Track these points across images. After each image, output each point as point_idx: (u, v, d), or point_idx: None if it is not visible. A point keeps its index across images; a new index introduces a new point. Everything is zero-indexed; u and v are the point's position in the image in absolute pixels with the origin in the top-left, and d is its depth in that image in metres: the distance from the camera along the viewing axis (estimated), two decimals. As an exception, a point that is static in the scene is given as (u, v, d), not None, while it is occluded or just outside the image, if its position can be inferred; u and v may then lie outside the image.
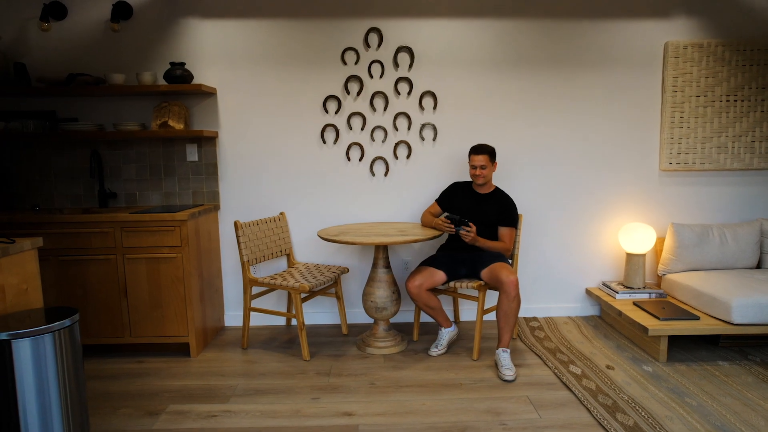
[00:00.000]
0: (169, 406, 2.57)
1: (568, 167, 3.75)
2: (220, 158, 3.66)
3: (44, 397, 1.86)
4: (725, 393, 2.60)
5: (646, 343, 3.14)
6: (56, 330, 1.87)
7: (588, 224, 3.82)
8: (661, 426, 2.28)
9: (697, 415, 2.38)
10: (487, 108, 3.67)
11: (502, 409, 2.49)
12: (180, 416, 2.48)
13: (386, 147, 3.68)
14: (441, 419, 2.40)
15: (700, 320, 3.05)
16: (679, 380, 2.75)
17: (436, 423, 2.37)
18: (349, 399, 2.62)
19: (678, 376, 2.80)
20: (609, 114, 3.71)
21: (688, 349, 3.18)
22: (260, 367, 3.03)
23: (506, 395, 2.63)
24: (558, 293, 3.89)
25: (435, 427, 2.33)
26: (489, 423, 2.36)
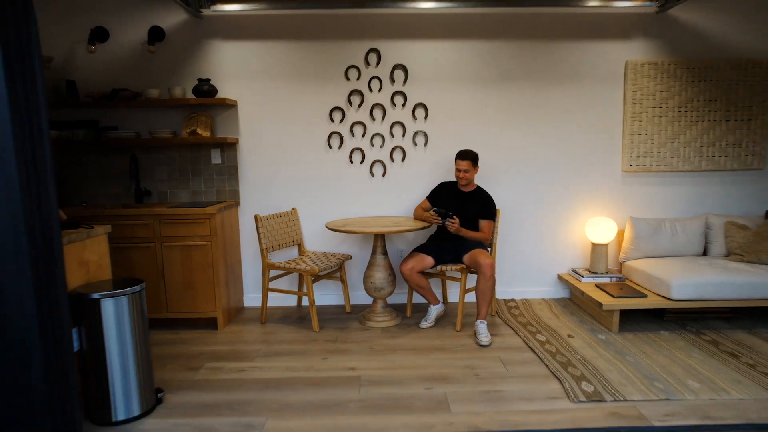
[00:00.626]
0: (205, 364, 3.17)
1: (542, 169, 4.35)
2: (240, 161, 4.25)
3: (123, 343, 2.45)
4: (659, 353, 3.19)
5: (603, 317, 3.73)
6: (130, 293, 2.46)
7: (559, 218, 4.41)
8: (602, 375, 2.88)
9: (632, 368, 2.97)
10: (471, 118, 4.27)
11: (477, 366, 3.08)
12: (215, 370, 3.07)
13: (384, 151, 4.28)
14: (427, 372, 3.00)
15: (647, 298, 3.64)
16: (625, 345, 3.34)
17: (422, 374, 2.96)
18: (353, 359, 3.21)
19: (625, 342, 3.39)
20: (578, 122, 4.31)
21: (638, 322, 3.77)
22: (277, 337, 3.63)
23: (481, 356, 3.23)
24: (533, 278, 4.48)
25: (422, 377, 2.93)
26: (465, 374, 2.95)
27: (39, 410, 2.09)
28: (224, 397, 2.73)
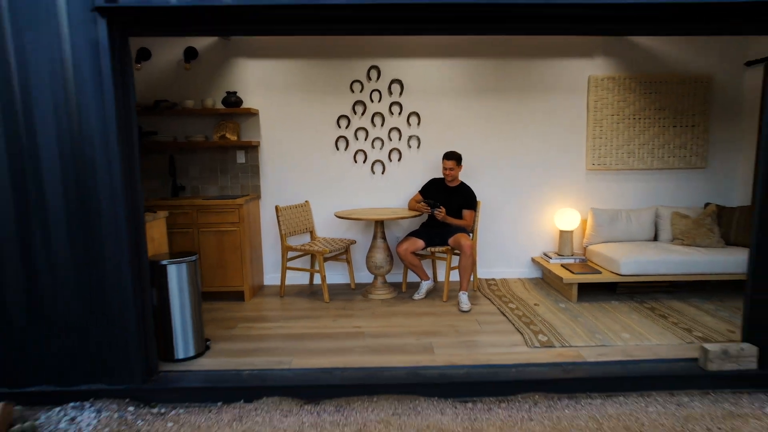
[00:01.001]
0: (238, 325, 3.92)
1: (518, 167, 5.10)
2: (261, 161, 5.01)
3: (182, 299, 3.20)
4: (605, 317, 3.94)
5: (565, 290, 4.48)
6: (188, 261, 3.21)
7: (532, 209, 5.17)
8: (556, 331, 3.63)
9: (581, 327, 3.72)
10: (457, 124, 5.02)
11: (457, 325, 3.83)
12: (247, 329, 3.82)
13: (383, 153, 5.03)
14: (417, 329, 3.75)
15: (601, 274, 4.40)
16: (580, 311, 4.10)
17: (414, 331, 3.72)
18: (358, 321, 3.96)
19: (581, 309, 4.14)
20: (548, 128, 5.06)
21: (595, 295, 4.52)
22: (295, 306, 4.38)
23: (462, 318, 3.98)
24: (510, 261, 5.23)
25: (413, 332, 3.68)
26: (448, 330, 3.71)
27: (132, 346, 2.85)
28: (257, 346, 3.48)
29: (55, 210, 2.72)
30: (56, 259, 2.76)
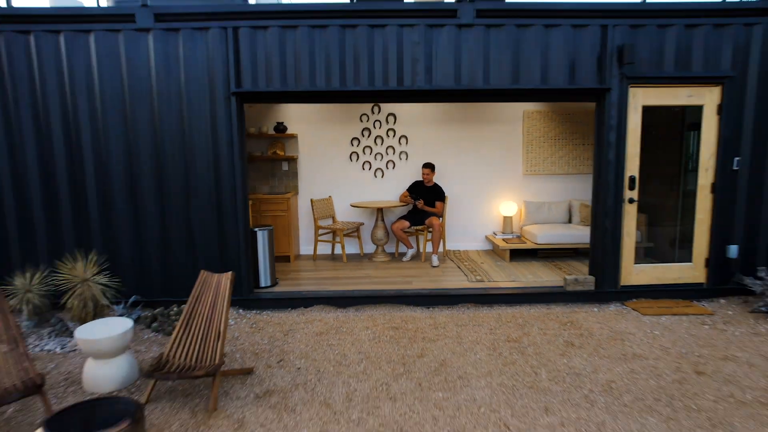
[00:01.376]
0: (289, 274, 6.17)
1: (475, 172, 7.34)
2: (299, 168, 7.25)
3: (264, 251, 5.45)
4: (523, 268, 6.20)
5: (502, 254, 6.74)
6: (267, 230, 5.46)
7: (486, 201, 7.41)
8: (488, 274, 5.88)
9: (504, 273, 5.98)
10: (433, 143, 7.26)
11: (429, 273, 6.09)
12: (296, 276, 6.08)
13: (382, 163, 7.27)
14: (403, 273, 6.01)
15: (526, 244, 6.66)
16: (509, 266, 6.35)
17: (401, 274, 5.98)
18: (366, 271, 6.22)
19: (509, 265, 6.39)
20: (497, 146, 7.30)
21: (523, 258, 6.78)
22: (324, 265, 6.63)
23: (432, 270, 6.24)
24: (471, 238, 7.49)
25: (400, 276, 5.94)
26: (422, 275, 5.97)
27: (243, 275, 5.10)
28: (305, 283, 5.73)
29: (204, 198, 4.98)
30: (205, 226, 5.02)
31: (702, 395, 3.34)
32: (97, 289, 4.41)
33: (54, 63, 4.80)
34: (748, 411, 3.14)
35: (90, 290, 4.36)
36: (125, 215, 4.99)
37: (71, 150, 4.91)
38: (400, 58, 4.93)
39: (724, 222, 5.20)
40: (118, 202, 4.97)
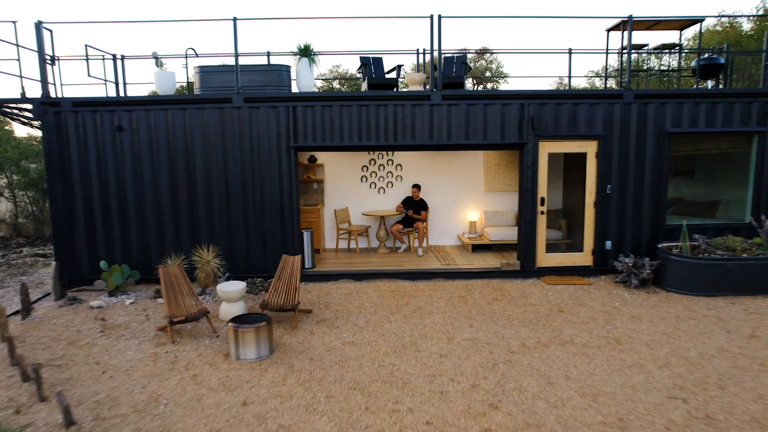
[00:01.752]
0: (321, 260, 9.08)
1: (450, 190, 10.25)
2: (325, 188, 10.16)
3: (308, 246, 8.37)
4: (479, 257, 9.11)
5: (467, 247, 9.65)
6: (309, 231, 8.38)
7: (457, 210, 10.33)
8: (454, 260, 8.79)
9: (465, 259, 8.89)
10: (420, 170, 10.17)
11: (415, 260, 9.01)
12: (326, 263, 8.99)
13: (383, 183, 10.19)
14: (397, 261, 8.92)
15: (483, 240, 9.57)
16: (470, 255, 9.27)
17: (396, 262, 8.90)
18: (372, 259, 9.14)
19: (471, 254, 9.30)
20: (466, 171, 10.21)
21: (482, 251, 9.69)
22: (345, 254, 9.55)
23: (417, 258, 9.15)
24: (447, 237, 10.41)
25: (395, 262, 8.85)
26: (410, 261, 8.89)
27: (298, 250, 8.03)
28: (332, 265, 8.64)
29: (272, 210, 7.90)
30: (273, 229, 7.93)
31: (555, 320, 6.26)
32: (214, 267, 7.32)
33: (181, 127, 7.71)
34: (575, 326, 6.06)
35: (210, 267, 7.27)
36: (224, 224, 7.89)
37: (190, 181, 7.81)
38: (395, 125, 7.84)
39: (602, 226, 8.11)
40: (220, 215, 7.87)
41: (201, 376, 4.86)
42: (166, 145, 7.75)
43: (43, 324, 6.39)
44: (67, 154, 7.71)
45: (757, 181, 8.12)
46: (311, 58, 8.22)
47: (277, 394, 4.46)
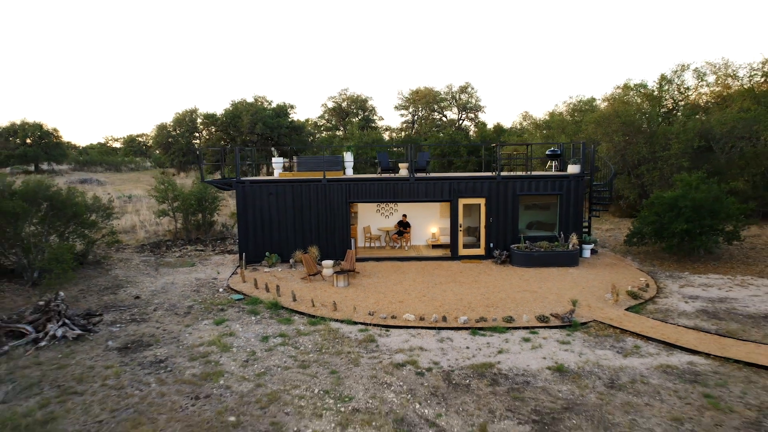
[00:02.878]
0: (358, 253, 18.31)
1: (423, 218, 19.49)
2: (358, 217, 19.41)
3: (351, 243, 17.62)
4: (440, 250, 18.38)
5: (429, 246, 18.90)
6: (354, 239, 17.62)
7: (426, 227, 19.58)
8: (422, 252, 18.06)
9: (430, 252, 18.15)
10: (405, 209, 19.43)
11: (404, 252, 18.27)
12: (361, 254, 18.22)
13: (387, 213, 19.44)
14: (395, 253, 18.16)
15: (438, 241, 18.82)
16: (432, 252, 18.50)
17: (395, 253, 18.14)
18: (383, 251, 18.38)
19: (432, 251, 18.54)
20: (430, 209, 19.45)
21: (437, 249, 18.92)
22: (368, 249, 18.77)
23: (405, 252, 18.40)
24: (421, 240, 19.66)
25: (395, 253, 18.10)
26: (402, 252, 18.15)
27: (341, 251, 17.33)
28: (365, 254, 17.85)
29: (339, 230, 17.15)
30: (339, 238, 17.18)
31: (459, 276, 15.49)
32: (315, 255, 16.54)
33: (298, 190, 16.91)
34: (466, 277, 15.33)
35: (314, 255, 16.49)
36: (319, 236, 17.08)
37: (302, 216, 17.00)
38: (394, 191, 17.07)
39: (488, 236, 17.32)
40: (317, 232, 17.05)
41: (324, 290, 14.10)
42: (291, 198, 16.97)
43: (254, 274, 15.61)
44: (246, 202, 16.95)
45: (560, 216, 17.36)
46: (352, 151, 17.56)
47: (352, 295, 13.69)
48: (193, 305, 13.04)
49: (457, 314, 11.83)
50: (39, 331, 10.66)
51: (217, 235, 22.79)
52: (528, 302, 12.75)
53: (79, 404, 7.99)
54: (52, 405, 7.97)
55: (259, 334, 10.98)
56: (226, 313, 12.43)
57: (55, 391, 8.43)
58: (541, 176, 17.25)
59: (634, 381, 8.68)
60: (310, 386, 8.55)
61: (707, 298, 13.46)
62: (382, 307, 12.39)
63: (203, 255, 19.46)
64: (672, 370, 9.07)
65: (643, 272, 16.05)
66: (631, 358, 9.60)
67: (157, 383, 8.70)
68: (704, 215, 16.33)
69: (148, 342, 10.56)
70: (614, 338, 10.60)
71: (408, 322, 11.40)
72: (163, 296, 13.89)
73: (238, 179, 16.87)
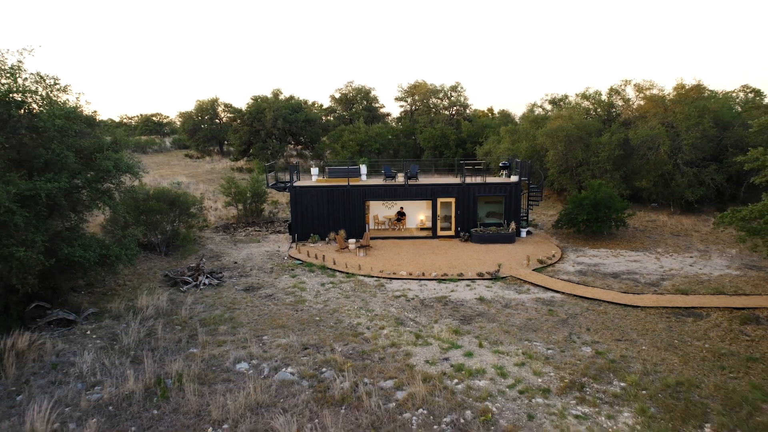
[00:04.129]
0: (371, 233, 26.39)
1: (415, 209, 27.50)
2: (369, 208, 27.46)
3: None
4: (421, 233, 26.44)
5: (419, 228, 26.99)
6: (367, 224, 25.70)
7: (416, 215, 27.59)
8: (413, 233, 26.16)
9: (420, 233, 26.26)
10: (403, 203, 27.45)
11: (401, 233, 26.40)
12: (372, 233, 26.31)
13: (389, 206, 27.44)
14: (396, 233, 26.26)
15: (424, 225, 26.90)
16: (418, 232, 26.58)
17: (396, 233, 26.24)
18: (387, 232, 26.45)
19: (420, 232, 26.61)
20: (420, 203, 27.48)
21: (424, 231, 27.01)
22: (377, 231, 26.86)
23: (402, 232, 26.54)
24: (412, 224, 27.72)
25: (394, 233, 26.20)
26: (399, 233, 26.27)
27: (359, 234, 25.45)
28: (375, 234, 25.92)
29: (358, 218, 25.20)
30: (358, 223, 25.23)
31: (437, 249, 23.54)
32: (343, 234, 24.56)
33: (331, 190, 24.85)
34: (440, 250, 23.45)
35: (342, 235, 24.51)
36: (344, 222, 25.08)
37: (335, 207, 24.97)
38: (395, 192, 25.03)
39: (458, 222, 25.30)
40: (343, 219, 25.03)
41: (350, 258, 22.19)
42: (326, 197, 24.91)
43: (304, 248, 23.70)
44: (298, 198, 24.95)
45: (506, 209, 25.30)
46: (366, 163, 25.52)
47: (368, 261, 21.75)
48: (273, 267, 21.20)
49: (431, 271, 20.00)
50: (195, 281, 18.82)
51: (266, 219, 30.83)
52: (475, 265, 20.91)
53: (240, 313, 16.16)
54: (227, 313, 16.15)
55: (318, 282, 19.16)
56: (294, 271, 20.58)
57: (223, 308, 16.59)
58: (493, 183, 25.19)
59: (517, 304, 16.85)
60: (352, 305, 16.74)
61: (587, 263, 21.61)
62: (386, 268, 20.55)
63: (261, 234, 27.54)
64: (540, 300, 17.24)
65: (558, 247, 24.16)
66: (521, 295, 17.76)
67: (273, 305, 16.88)
68: (601, 209, 24.35)
69: (258, 286, 18.74)
70: (518, 285, 18.76)
71: (402, 276, 19.57)
72: (250, 262, 22.03)
73: (291, 185, 24.82)
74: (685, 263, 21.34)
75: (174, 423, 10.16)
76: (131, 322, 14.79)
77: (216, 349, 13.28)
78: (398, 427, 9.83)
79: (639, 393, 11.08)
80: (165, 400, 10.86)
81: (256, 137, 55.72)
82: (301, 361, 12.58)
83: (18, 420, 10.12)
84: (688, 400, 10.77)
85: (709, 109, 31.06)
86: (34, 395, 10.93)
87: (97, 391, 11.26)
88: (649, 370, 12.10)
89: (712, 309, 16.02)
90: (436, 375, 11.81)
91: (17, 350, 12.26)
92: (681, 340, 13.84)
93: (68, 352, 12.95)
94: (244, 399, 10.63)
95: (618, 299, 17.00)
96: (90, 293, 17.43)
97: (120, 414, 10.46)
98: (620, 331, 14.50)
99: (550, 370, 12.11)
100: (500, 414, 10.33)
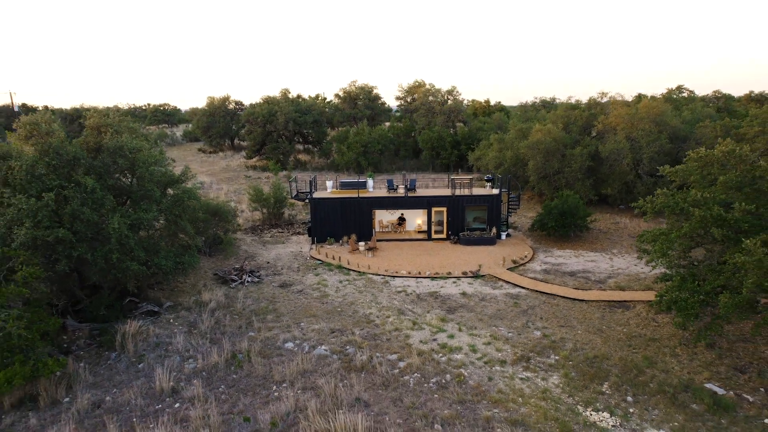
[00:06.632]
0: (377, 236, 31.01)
1: (413, 215, 32.06)
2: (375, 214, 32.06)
3: (373, 232, 30.35)
4: (419, 235, 31.08)
5: (417, 231, 31.59)
6: (375, 229, 30.32)
7: (415, 220, 32.18)
8: (411, 236, 30.79)
9: (418, 236, 30.90)
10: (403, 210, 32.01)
11: (402, 235, 31.05)
12: (379, 236, 30.95)
13: (392, 212, 32.00)
14: (397, 236, 30.88)
15: (422, 228, 31.52)
16: (416, 234, 31.19)
17: (398, 236, 30.87)
18: (390, 235, 31.05)
19: (417, 234, 31.22)
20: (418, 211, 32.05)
21: (422, 234, 31.62)
22: (382, 234, 31.46)
23: (403, 234, 31.14)
24: (411, 228, 32.34)
25: (397, 236, 30.83)
26: (400, 235, 30.91)
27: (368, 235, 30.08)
28: (380, 236, 30.53)
29: (366, 223, 29.79)
30: (366, 228, 29.84)
31: (431, 250, 28.12)
32: (354, 238, 29.17)
33: (344, 201, 29.44)
34: (433, 251, 28.09)
35: (354, 238, 29.12)
36: (355, 226, 29.65)
37: (347, 214, 29.56)
38: (395, 201, 29.56)
39: (449, 227, 29.93)
40: (354, 224, 29.56)
41: (361, 258, 26.78)
42: (340, 206, 29.41)
43: (323, 249, 28.33)
44: (317, 207, 29.50)
45: (488, 216, 29.80)
46: (372, 177, 30.06)
47: (375, 261, 26.31)
48: (299, 266, 25.84)
49: (426, 270, 24.63)
50: (240, 278, 23.50)
51: (287, 221, 35.43)
52: (461, 265, 25.54)
53: (280, 305, 20.85)
54: (270, 305, 20.82)
55: (336, 279, 23.80)
56: (317, 270, 25.22)
57: (267, 301, 21.25)
58: (478, 195, 29.69)
59: (491, 298, 21.50)
60: (364, 298, 21.40)
61: (552, 263, 26.24)
62: (390, 267, 25.21)
63: (285, 236, 32.14)
64: (509, 294, 21.89)
65: (531, 248, 28.76)
66: (495, 290, 22.40)
67: (304, 298, 21.55)
68: (567, 216, 28.90)
69: (290, 283, 23.41)
70: (493, 282, 23.40)
71: (403, 274, 24.24)
72: (279, 262, 26.68)
73: (311, 197, 29.35)
74: (632, 263, 25.86)
75: (249, 383, 14.84)
76: (202, 312, 19.46)
77: (268, 332, 17.95)
78: (400, 385, 14.53)
79: (566, 363, 15.74)
80: (240, 368, 15.53)
81: (269, 138, 60.11)
82: (331, 341, 17.26)
83: (146, 380, 14.84)
84: (598, 368, 15.45)
85: (668, 125, 35.38)
86: (151, 364, 15.65)
87: (191, 362, 15.94)
88: (578, 348, 16.76)
89: (639, 302, 20.61)
90: (427, 351, 16.50)
91: (131, 333, 16.97)
92: (608, 326, 18.47)
93: (163, 335, 17.63)
94: (295, 367, 15.30)
95: (569, 294, 21.61)
96: (161, 290, 22.10)
97: (211, 377, 15.14)
98: (565, 319, 19.12)
99: (508, 348, 16.78)
100: (470, 377, 15.01)
